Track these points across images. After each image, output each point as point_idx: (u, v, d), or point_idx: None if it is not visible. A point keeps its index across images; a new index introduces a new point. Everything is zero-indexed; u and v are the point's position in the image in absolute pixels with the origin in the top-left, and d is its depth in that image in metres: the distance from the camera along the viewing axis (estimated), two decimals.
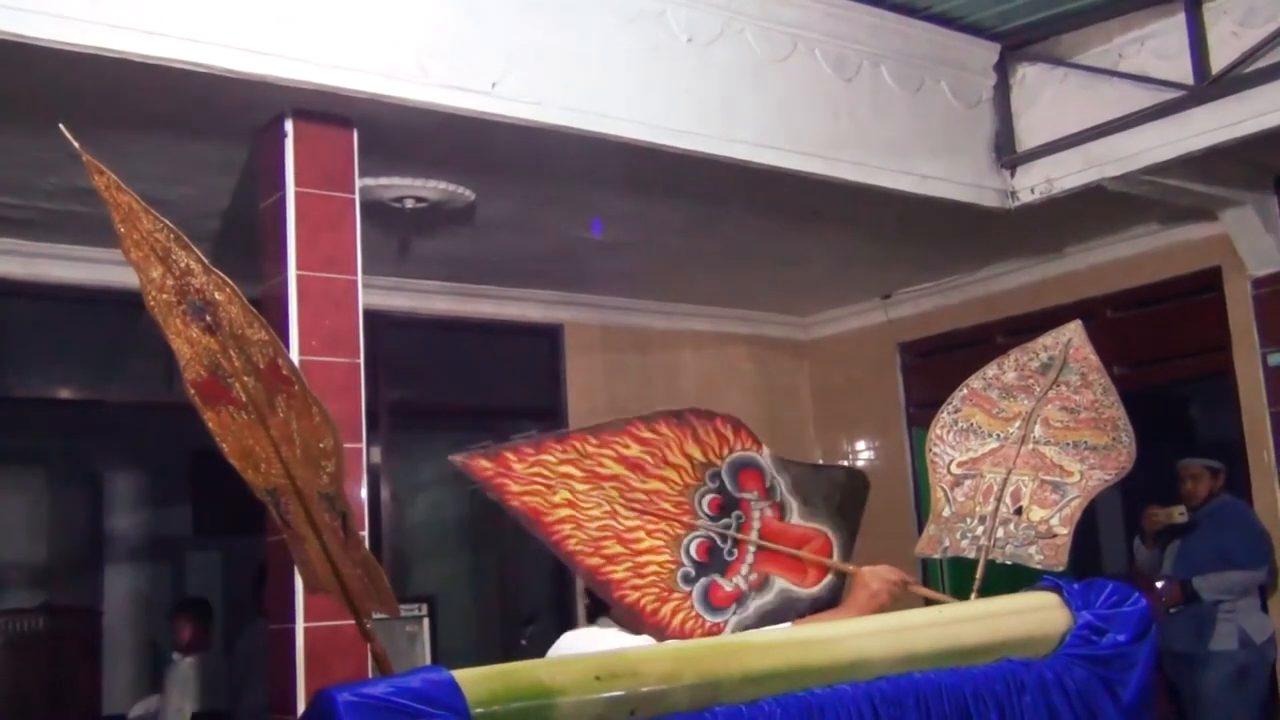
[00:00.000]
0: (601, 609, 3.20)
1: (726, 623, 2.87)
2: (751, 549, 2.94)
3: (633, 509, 2.83)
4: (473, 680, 1.90)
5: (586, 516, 2.78)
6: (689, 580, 2.84)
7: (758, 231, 6.82)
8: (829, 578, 3.01)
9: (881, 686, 2.30)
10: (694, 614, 2.83)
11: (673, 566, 2.84)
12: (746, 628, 2.87)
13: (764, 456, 2.98)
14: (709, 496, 2.91)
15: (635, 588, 2.80)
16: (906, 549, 3.39)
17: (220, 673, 7.44)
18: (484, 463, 2.76)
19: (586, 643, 2.94)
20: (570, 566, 2.83)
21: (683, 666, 2.16)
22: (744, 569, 2.92)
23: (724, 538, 2.91)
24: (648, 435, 2.85)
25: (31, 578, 9.20)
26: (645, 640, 2.99)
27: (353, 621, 2.15)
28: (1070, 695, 2.51)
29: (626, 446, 2.83)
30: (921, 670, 2.38)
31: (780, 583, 2.95)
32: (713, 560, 2.88)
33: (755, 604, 2.91)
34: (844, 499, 3.07)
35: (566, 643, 3.05)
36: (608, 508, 2.80)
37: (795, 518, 3.00)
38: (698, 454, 2.89)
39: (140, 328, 1.96)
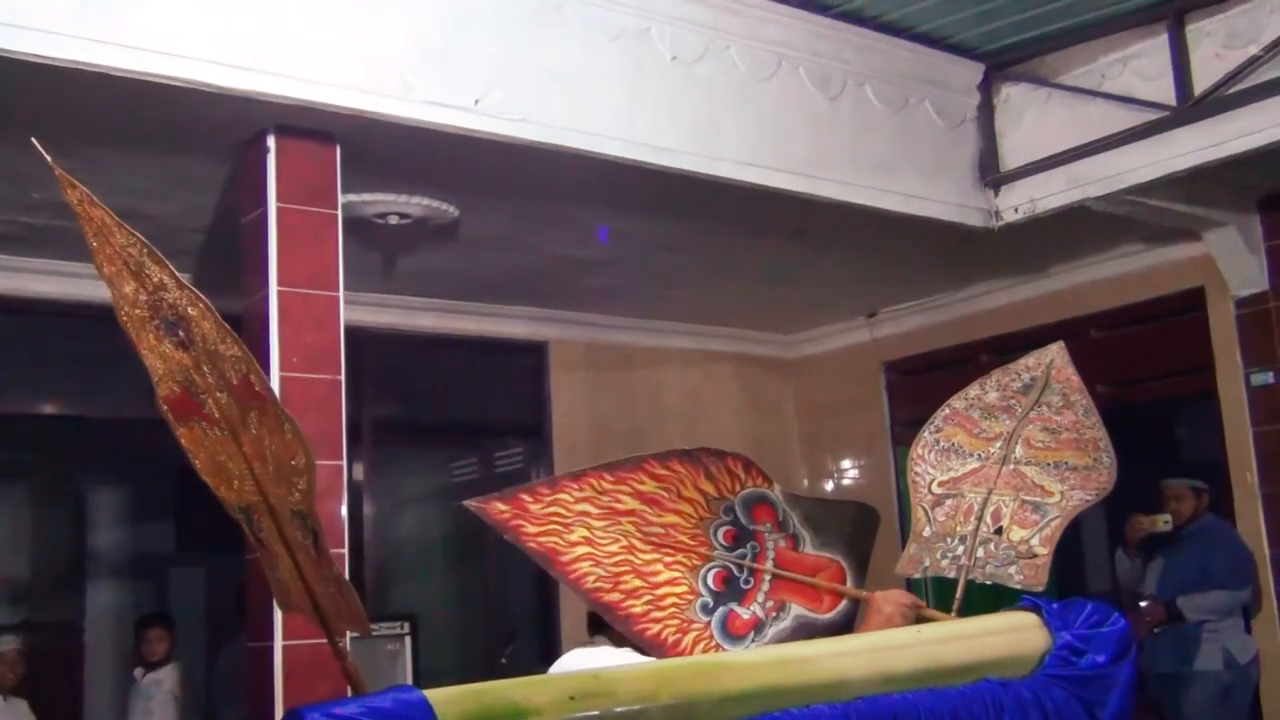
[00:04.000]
0: (600, 625, 3.20)
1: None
2: (767, 577, 2.97)
3: (650, 542, 2.87)
4: (445, 700, 1.89)
5: (604, 553, 2.82)
6: (708, 610, 2.88)
7: (743, 249, 6.82)
8: (843, 604, 3.03)
9: (859, 707, 2.29)
10: (714, 643, 2.87)
11: (691, 597, 2.88)
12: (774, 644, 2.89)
13: (775, 492, 3.02)
14: (724, 529, 2.95)
15: (656, 620, 2.84)
16: (889, 567, 3.38)
17: (201, 689, 7.41)
18: (500, 506, 2.80)
19: (587, 662, 2.95)
20: (589, 604, 2.86)
21: (659, 686, 2.15)
22: (760, 597, 2.95)
23: (740, 567, 2.94)
24: (662, 472, 2.89)
25: (12, 594, 9.14)
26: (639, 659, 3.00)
27: None
28: (1049, 715, 2.50)
29: (642, 483, 2.87)
30: (900, 690, 2.37)
31: (796, 609, 2.98)
32: (730, 589, 2.92)
33: (773, 630, 2.93)
34: (855, 532, 3.12)
35: (568, 662, 3.05)
36: (625, 543, 2.84)
37: (809, 548, 3.03)
38: (710, 489, 2.94)
39: (122, 343, 1.95)
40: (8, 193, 5.31)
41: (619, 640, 3.11)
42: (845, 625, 3.03)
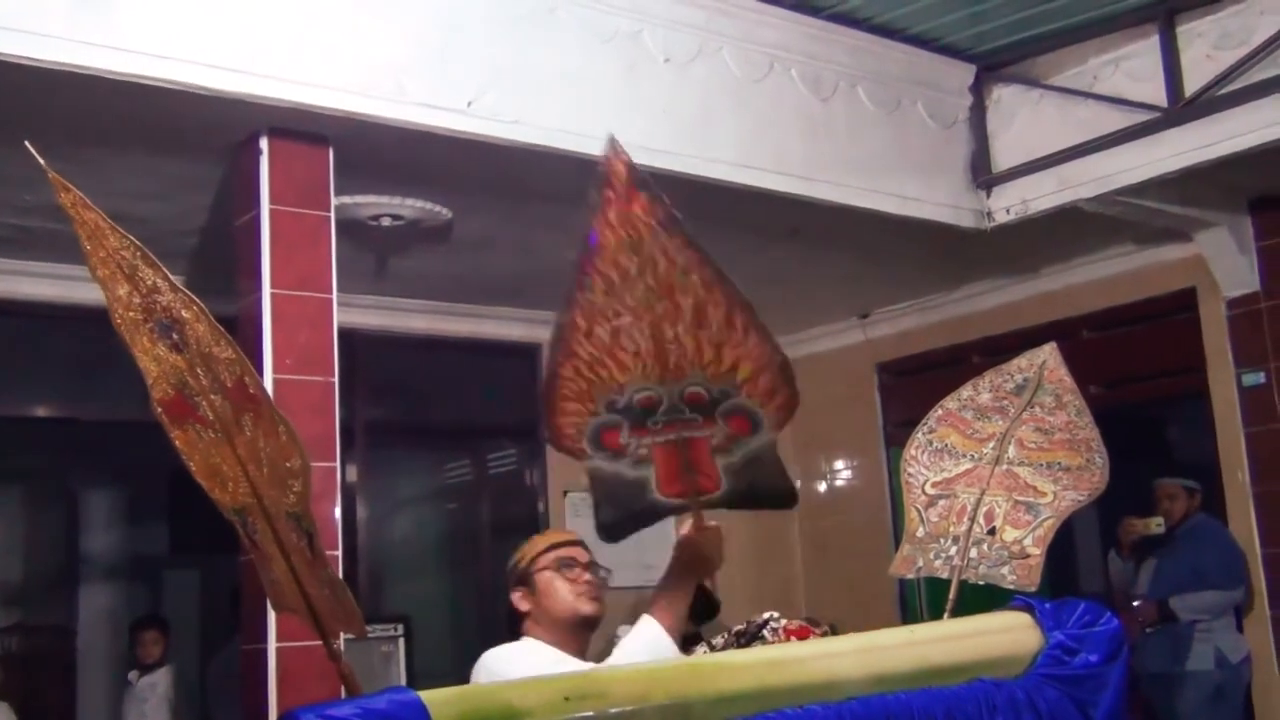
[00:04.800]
0: (518, 627, 3.21)
1: (587, 457, 2.78)
2: (672, 437, 2.83)
3: (648, 334, 2.70)
4: (440, 702, 1.88)
5: (609, 302, 2.66)
6: (610, 408, 2.75)
7: (736, 250, 6.77)
8: (676, 504, 2.89)
9: (853, 707, 2.29)
10: (580, 430, 2.74)
11: (614, 390, 2.73)
12: (597, 479, 2.79)
13: (768, 429, 2.88)
14: (699, 389, 2.80)
15: (575, 371, 2.71)
16: (883, 567, 3.39)
17: (195, 692, 7.40)
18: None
19: (512, 663, 2.95)
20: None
21: (653, 687, 2.15)
22: (649, 440, 2.83)
23: (671, 411, 2.78)
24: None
25: (6, 596, 9.14)
26: (573, 662, 3.01)
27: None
28: (1042, 715, 2.50)
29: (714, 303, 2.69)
30: (893, 691, 2.37)
31: (651, 474, 2.86)
32: (640, 415, 2.77)
33: (618, 468, 2.82)
34: (757, 496, 3.00)
35: (492, 661, 3.06)
36: (639, 321, 2.67)
37: (717, 463, 2.90)
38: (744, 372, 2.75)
39: (116, 345, 1.95)
40: (0, 195, 5.31)
41: (545, 634, 3.15)
42: (657, 515, 2.89)
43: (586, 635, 3.23)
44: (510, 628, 3.26)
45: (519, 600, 3.25)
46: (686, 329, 2.71)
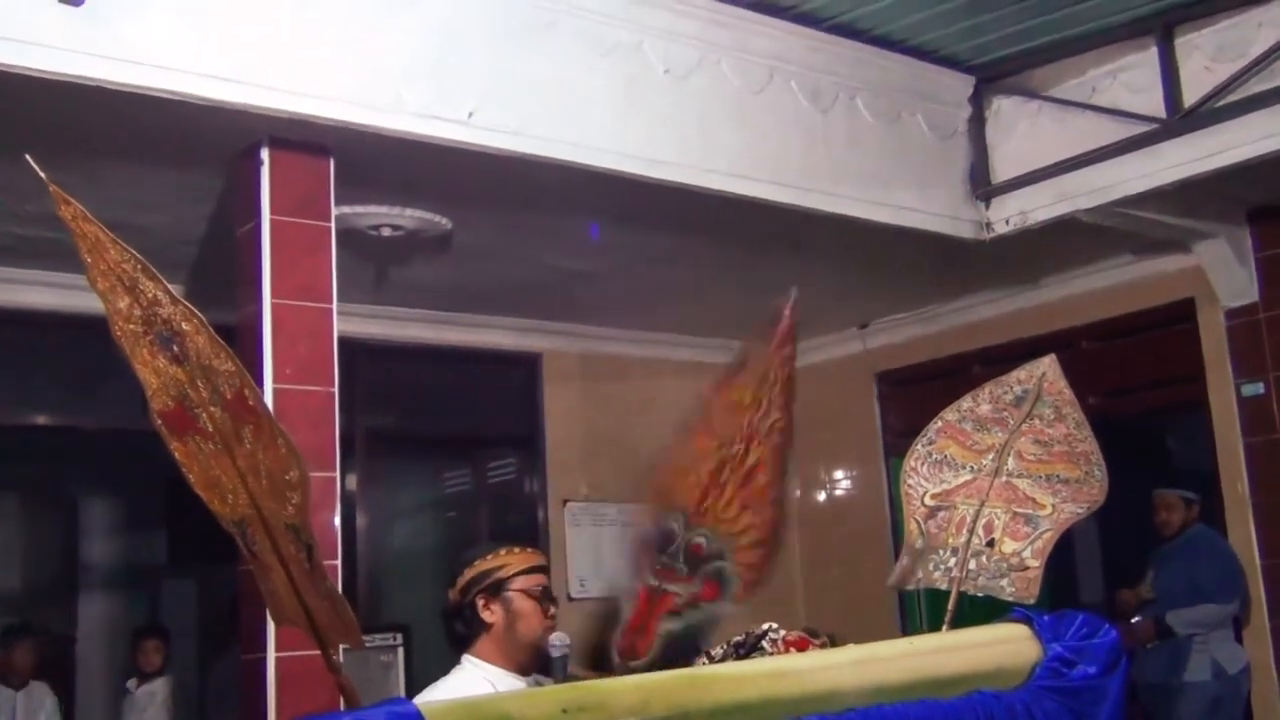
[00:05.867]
0: (465, 642, 3.22)
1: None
2: (655, 584, 2.89)
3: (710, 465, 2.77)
4: (439, 713, 1.89)
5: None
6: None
7: (735, 261, 6.83)
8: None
9: (851, 718, 2.30)
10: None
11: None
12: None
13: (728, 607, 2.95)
14: (702, 541, 2.86)
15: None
16: (882, 578, 3.39)
17: (194, 701, 7.39)
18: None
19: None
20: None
21: (651, 698, 2.16)
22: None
23: (672, 556, 2.86)
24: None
25: (5, 604, 9.13)
26: (513, 683, 3.06)
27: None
28: None
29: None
30: (892, 702, 2.37)
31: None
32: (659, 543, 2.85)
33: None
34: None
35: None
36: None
37: (663, 625, 2.96)
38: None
39: (116, 354, 1.96)
40: (1, 204, 5.31)
41: (488, 658, 3.21)
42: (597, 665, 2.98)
43: (535, 664, 3.27)
44: (463, 631, 3.28)
45: (484, 610, 3.27)
46: (735, 479, 2.82)
